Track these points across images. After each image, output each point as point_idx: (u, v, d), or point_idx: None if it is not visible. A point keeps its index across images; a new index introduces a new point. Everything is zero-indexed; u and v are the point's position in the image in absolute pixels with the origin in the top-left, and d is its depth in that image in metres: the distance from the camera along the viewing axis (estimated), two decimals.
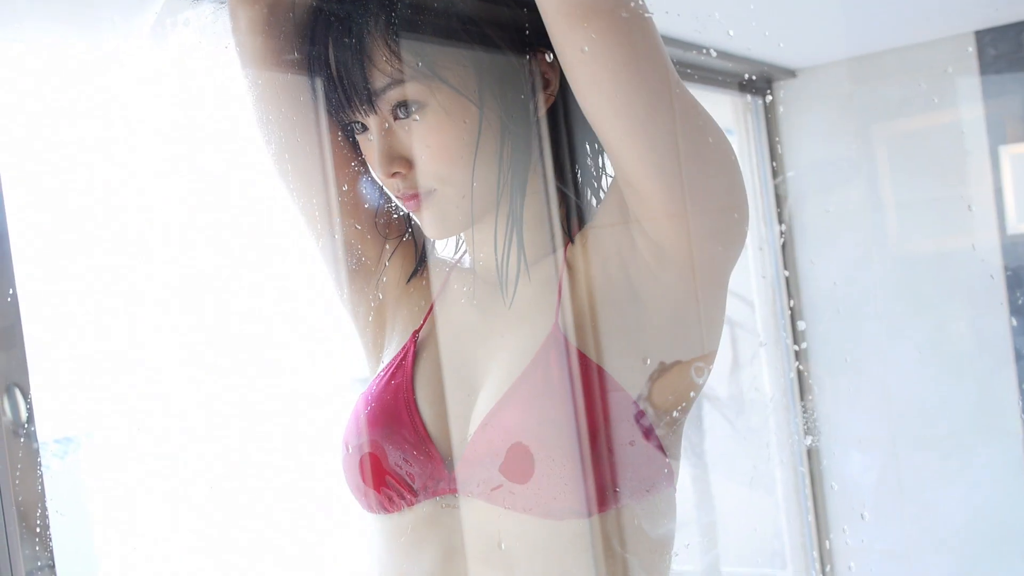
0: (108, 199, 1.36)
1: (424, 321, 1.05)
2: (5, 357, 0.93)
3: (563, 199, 0.99)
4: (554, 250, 0.99)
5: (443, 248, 1.11)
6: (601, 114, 0.85)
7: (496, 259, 0.97)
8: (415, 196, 0.94)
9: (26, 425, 0.93)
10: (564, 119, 0.97)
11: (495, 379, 0.94)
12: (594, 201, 1.01)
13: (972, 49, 2.35)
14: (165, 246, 1.44)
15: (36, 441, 0.93)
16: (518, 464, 0.88)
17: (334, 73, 0.92)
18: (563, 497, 0.88)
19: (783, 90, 2.55)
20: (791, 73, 2.53)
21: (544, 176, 0.98)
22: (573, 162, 0.98)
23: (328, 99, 0.95)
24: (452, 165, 0.92)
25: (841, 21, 2.18)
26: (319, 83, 0.96)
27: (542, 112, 0.95)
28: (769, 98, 2.57)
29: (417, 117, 0.91)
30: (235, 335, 1.60)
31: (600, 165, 1.00)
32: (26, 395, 0.94)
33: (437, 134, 0.91)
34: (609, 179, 1.00)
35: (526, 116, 0.94)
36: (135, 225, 1.40)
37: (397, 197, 0.97)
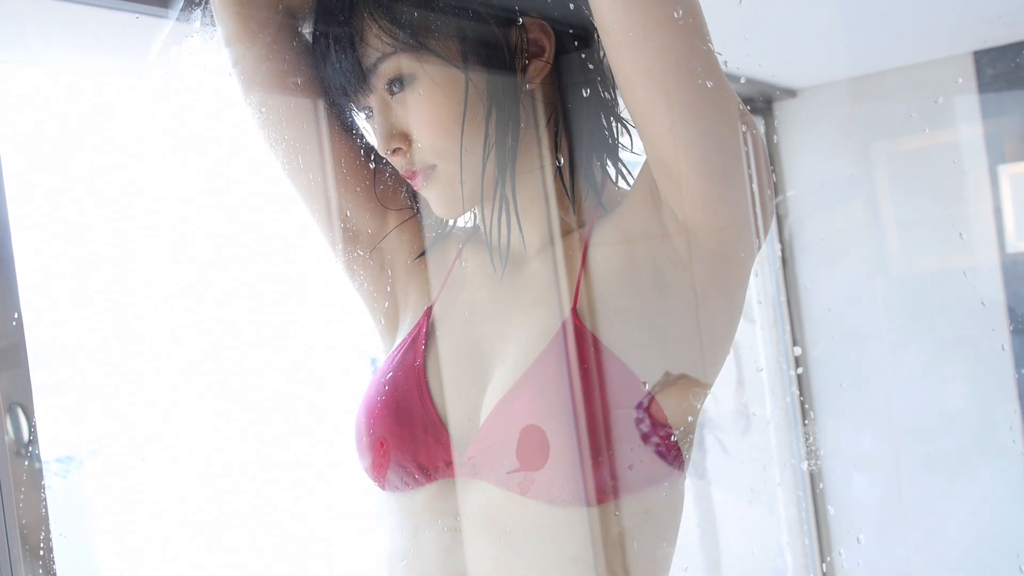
0: (112, 218, 1.36)
1: (438, 297, 1.03)
2: (9, 377, 0.93)
3: (581, 176, 0.96)
4: (575, 229, 0.97)
5: (452, 222, 1.07)
6: (648, 99, 0.83)
7: (486, 235, 0.96)
8: (416, 173, 0.94)
9: (29, 446, 0.93)
10: (567, 89, 0.95)
11: (510, 361, 0.93)
12: (613, 175, 0.98)
13: (970, 69, 2.36)
14: (166, 263, 1.44)
15: (40, 461, 0.93)
16: (530, 450, 0.87)
17: (333, 57, 0.92)
18: (572, 484, 0.87)
19: (783, 110, 2.56)
20: (791, 93, 2.54)
21: (552, 150, 0.96)
22: (579, 134, 0.96)
23: (329, 85, 0.95)
24: (447, 138, 0.91)
25: (841, 41, 2.19)
26: (319, 68, 0.96)
27: (537, 81, 0.93)
28: (769, 118, 2.58)
29: (411, 90, 0.90)
30: (239, 347, 1.60)
31: (615, 136, 0.97)
32: (29, 415, 0.94)
33: (429, 106, 0.90)
34: (622, 151, 0.98)
35: (515, 84, 0.93)
36: (137, 241, 1.40)
37: (402, 175, 0.96)
